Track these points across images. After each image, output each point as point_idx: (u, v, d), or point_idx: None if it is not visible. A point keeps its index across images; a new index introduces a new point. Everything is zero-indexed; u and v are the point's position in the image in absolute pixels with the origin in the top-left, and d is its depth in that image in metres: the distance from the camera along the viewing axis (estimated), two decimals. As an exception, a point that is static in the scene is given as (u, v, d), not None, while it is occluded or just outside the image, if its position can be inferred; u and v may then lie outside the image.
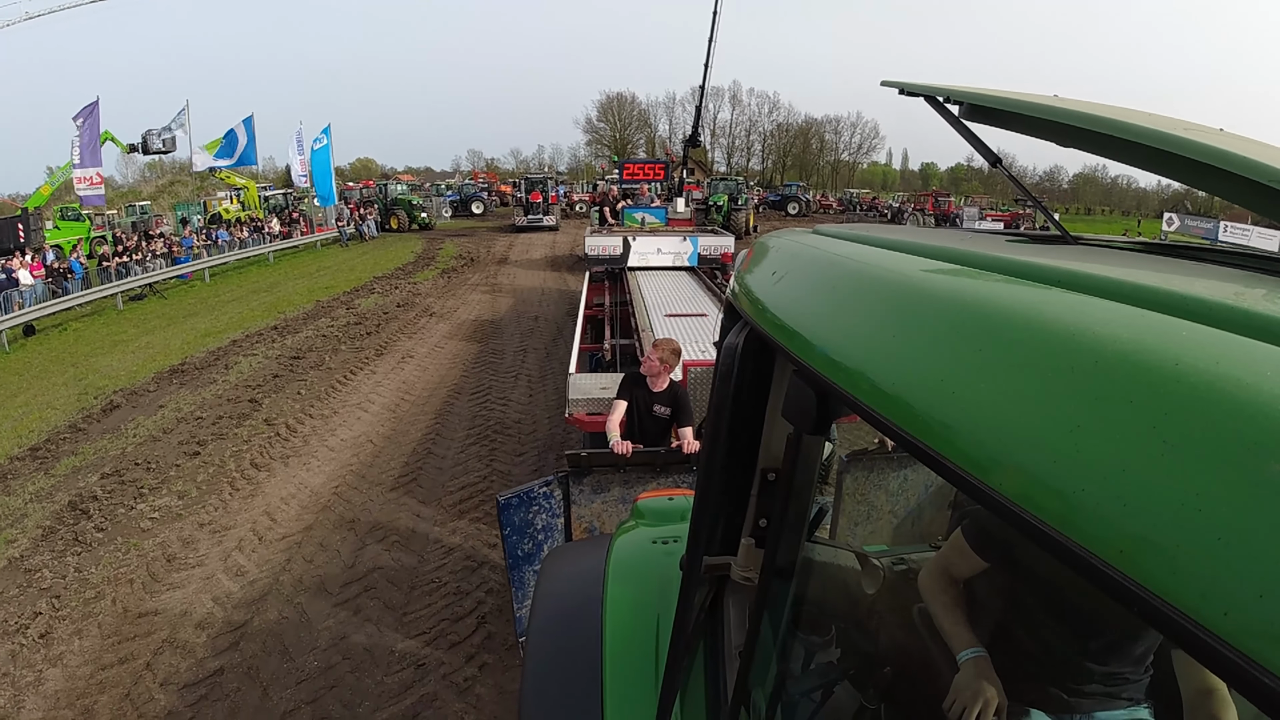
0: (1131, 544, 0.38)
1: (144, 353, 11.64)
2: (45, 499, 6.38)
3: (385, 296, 15.65)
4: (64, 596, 4.84)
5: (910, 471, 2.15)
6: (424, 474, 6.51)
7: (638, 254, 12.89)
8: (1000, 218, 29.48)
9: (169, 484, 6.51)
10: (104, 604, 4.75)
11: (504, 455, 6.92)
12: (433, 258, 21.91)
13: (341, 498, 6.10)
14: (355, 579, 4.85)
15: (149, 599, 4.79)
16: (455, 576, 4.79)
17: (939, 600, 1.19)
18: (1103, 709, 1.14)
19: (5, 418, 8.77)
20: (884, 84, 1.22)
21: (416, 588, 4.71)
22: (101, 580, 5.02)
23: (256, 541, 5.44)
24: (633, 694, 1.53)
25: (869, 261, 0.85)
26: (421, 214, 30.28)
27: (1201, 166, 0.77)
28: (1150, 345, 0.44)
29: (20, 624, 4.54)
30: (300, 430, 7.73)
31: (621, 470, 3.76)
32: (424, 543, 5.30)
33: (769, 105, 65.47)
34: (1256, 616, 0.32)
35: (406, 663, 3.99)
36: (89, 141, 18.61)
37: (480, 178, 47.60)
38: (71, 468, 7.06)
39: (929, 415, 0.57)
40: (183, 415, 8.37)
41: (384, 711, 3.66)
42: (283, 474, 6.65)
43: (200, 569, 5.10)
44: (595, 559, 2.00)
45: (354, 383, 9.43)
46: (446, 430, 7.62)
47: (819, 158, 65.72)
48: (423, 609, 4.48)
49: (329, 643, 4.19)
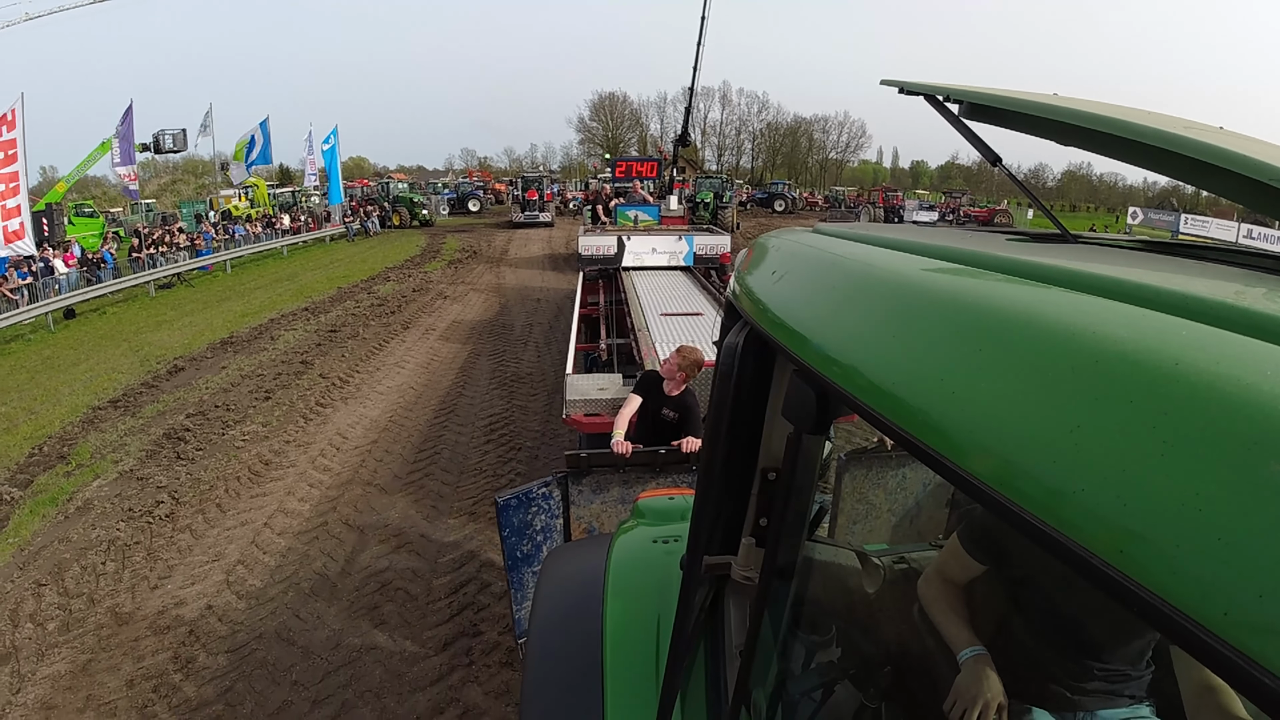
0: (1131, 544, 0.38)
1: (190, 330, 12.79)
2: (139, 433, 7.66)
3: (400, 284, 16.86)
4: (180, 491, 6.18)
5: (908, 470, 2.15)
6: (458, 408, 8.19)
7: (633, 254, 12.78)
8: (938, 207, 34.46)
9: (250, 419, 7.90)
10: (218, 492, 6.15)
11: (521, 396, 8.56)
12: (438, 251, 23.15)
13: (395, 423, 7.71)
14: (415, 470, 6.48)
15: (256, 487, 6.27)
16: (493, 466, 6.59)
17: (938, 603, 1.19)
18: (1105, 706, 1.14)
19: (76, 380, 9.96)
20: (884, 83, 1.22)
21: (465, 473, 6.45)
22: (213, 478, 6.41)
23: (335, 451, 7.01)
24: (633, 694, 1.53)
25: (869, 261, 0.85)
26: (423, 211, 31.62)
27: (1201, 165, 0.77)
28: (1150, 345, 0.44)
29: (145, 509, 5.88)
30: (352, 381, 9.31)
31: (621, 470, 3.75)
32: (466, 450, 6.95)
33: (758, 105, 66.10)
34: (1256, 616, 0.32)
35: (463, 513, 5.72)
36: (126, 142, 19.47)
37: (475, 176, 47.96)
38: (155, 412, 8.37)
39: (929, 415, 0.56)
40: (245, 373, 9.71)
41: (452, 536, 5.35)
42: (344, 410, 8.22)
43: (294, 468, 6.63)
44: (595, 559, 1.99)
45: (388, 349, 11.00)
46: (472, 380, 9.28)
47: (808, 156, 66.18)
48: (471, 485, 6.23)
49: (403, 507, 5.82)
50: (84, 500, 6.15)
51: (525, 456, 6.72)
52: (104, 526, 5.65)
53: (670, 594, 1.40)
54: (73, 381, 9.86)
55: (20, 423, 8.25)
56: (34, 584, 4.93)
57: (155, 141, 22.58)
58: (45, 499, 6.26)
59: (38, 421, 8.24)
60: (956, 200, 36.61)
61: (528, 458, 6.68)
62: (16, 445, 7.56)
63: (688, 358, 4.03)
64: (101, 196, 36.96)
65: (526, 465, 6.52)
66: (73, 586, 4.90)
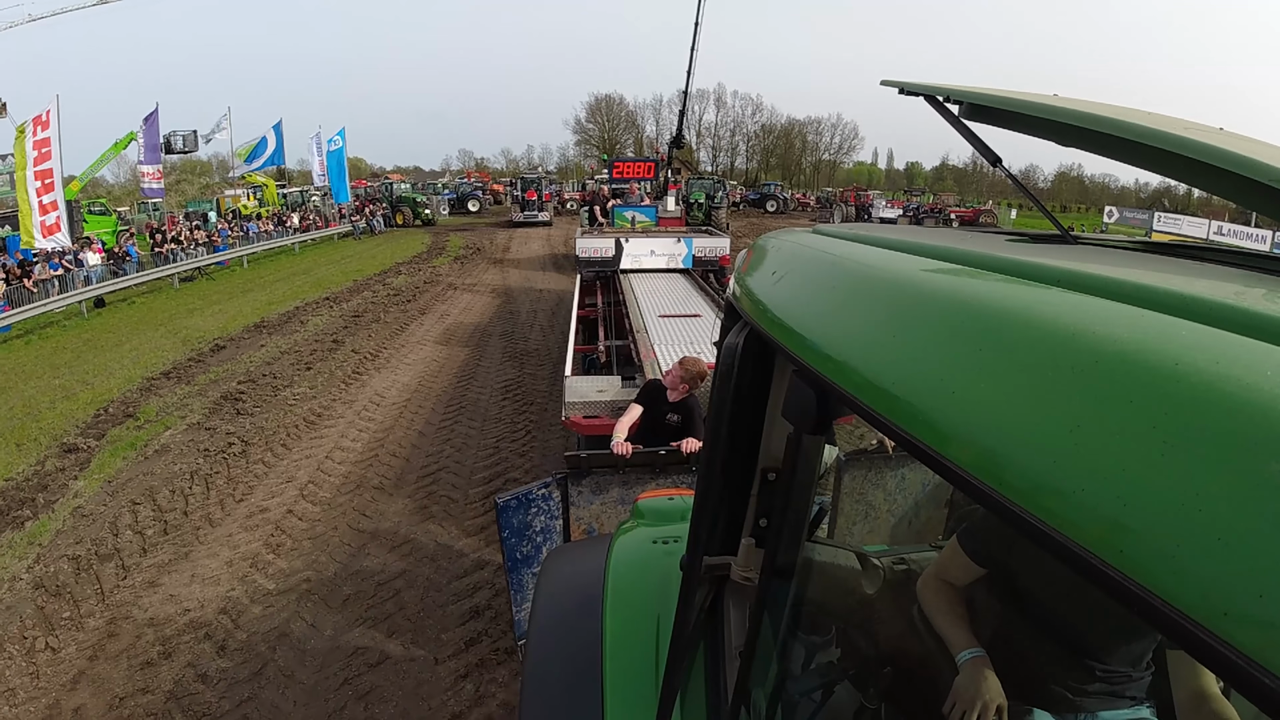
0: (1131, 544, 0.38)
1: (222, 316, 13.71)
2: (198, 396, 8.70)
3: (412, 277, 17.95)
4: (247, 437, 7.24)
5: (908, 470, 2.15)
6: (477, 375, 9.56)
7: (631, 256, 12.73)
8: (894, 204, 38.01)
9: (296, 384, 9.07)
10: (281, 436, 7.31)
11: (530, 367, 9.85)
12: (443, 248, 24.13)
13: (424, 386, 9.05)
14: (445, 419, 7.82)
15: (313, 432, 7.46)
16: (510, 415, 7.92)
17: (938, 606, 1.19)
18: (1106, 708, 1.13)
19: (122, 357, 10.87)
20: (884, 83, 1.22)
21: (488, 420, 7.77)
22: (274, 427, 7.52)
23: (375, 407, 8.25)
24: (633, 694, 1.52)
25: (869, 261, 0.85)
26: (425, 210, 32.58)
27: (1201, 165, 0.77)
28: (1150, 345, 0.44)
29: (219, 449, 6.90)
30: (381, 355, 10.58)
31: (620, 471, 3.75)
32: (486, 405, 8.29)
33: (752, 107, 66.40)
34: (1256, 616, 0.32)
35: (488, 448, 6.96)
36: (150, 143, 20.64)
37: (473, 177, 48.37)
38: (208, 380, 9.39)
39: (929, 415, 0.56)
40: (283, 350, 10.80)
41: (482, 461, 6.62)
42: (378, 377, 9.48)
43: (342, 420, 7.84)
44: (595, 559, 1.99)
45: (409, 330, 12.27)
46: (487, 355, 10.63)
47: (801, 157, 66.55)
48: (493, 429, 7.49)
49: (439, 444, 7.08)
50: (161, 445, 7.15)
51: (536, 410, 8.03)
52: (184, 462, 6.65)
53: (670, 594, 1.40)
54: (120, 359, 10.72)
55: (78, 392, 9.11)
56: (129, 503, 5.86)
57: (166, 142, 23.61)
58: (123, 445, 7.25)
59: (95, 390, 9.11)
60: (914, 198, 40.84)
61: (538, 410, 7.98)
62: (80, 409, 8.43)
63: (690, 370, 4.03)
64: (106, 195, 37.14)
65: (538, 415, 7.83)
66: (165, 504, 5.88)
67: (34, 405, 8.65)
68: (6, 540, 5.43)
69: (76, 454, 7.07)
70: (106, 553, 5.12)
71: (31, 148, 14.27)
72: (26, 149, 14.32)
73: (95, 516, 5.72)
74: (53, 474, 6.62)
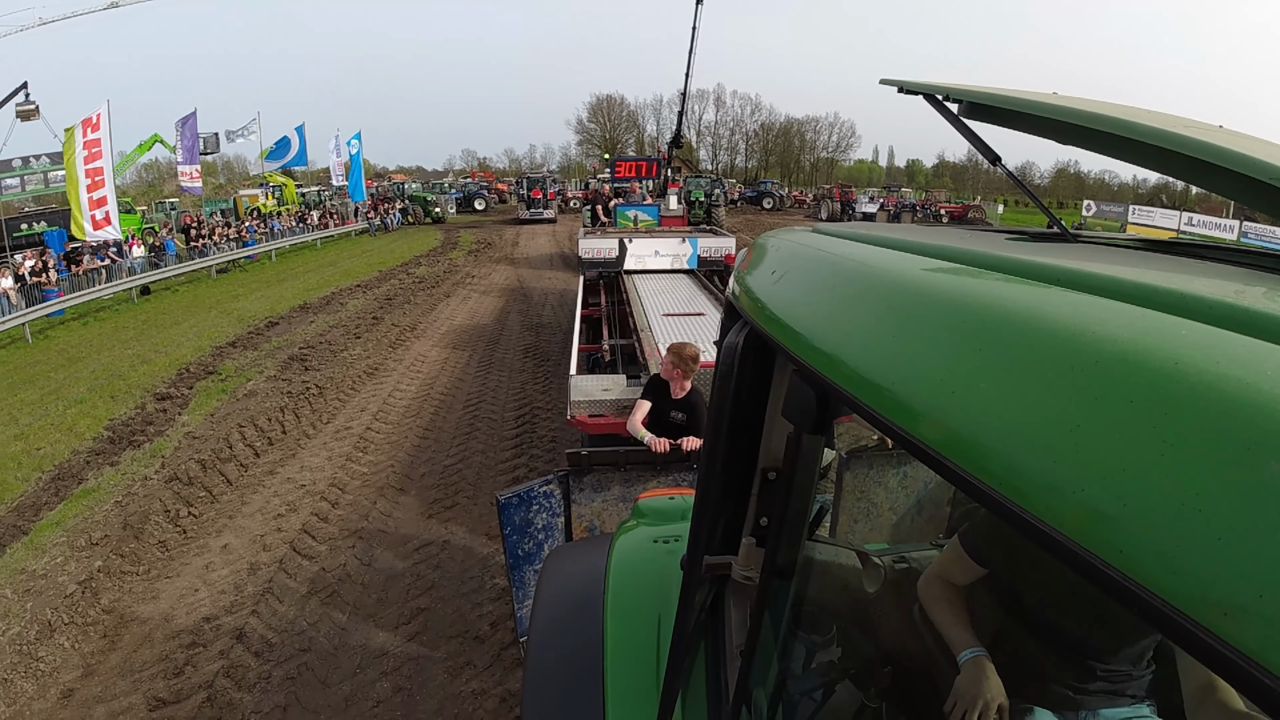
0: (1131, 544, 0.38)
1: (267, 300, 15.40)
2: (268, 358, 10.42)
3: (432, 268, 19.81)
4: (320, 383, 9.02)
5: (909, 468, 2.15)
6: (501, 341, 11.73)
7: (634, 257, 12.62)
8: (877, 198, 39.53)
9: (350, 349, 10.89)
10: (348, 383, 9.24)
11: (545, 335, 11.86)
12: (455, 243, 25.92)
13: (459, 349, 11.17)
14: (480, 370, 9.90)
15: (374, 380, 9.44)
16: (531, 369, 9.97)
17: (939, 604, 1.19)
18: (1107, 706, 1.13)
19: (184, 333, 12.41)
20: (883, 82, 1.22)
21: (513, 372, 9.77)
22: (340, 376, 9.42)
23: (421, 363, 10.35)
24: (634, 694, 1.53)
25: (869, 261, 0.85)
26: (435, 209, 34.70)
27: (1201, 164, 0.77)
28: (1150, 344, 0.44)
29: (298, 392, 8.66)
30: (418, 328, 12.67)
31: (622, 469, 3.75)
32: (511, 360, 10.44)
33: (751, 107, 66.75)
34: (1256, 616, 0.32)
35: (515, 388, 9.09)
36: (189, 143, 21.81)
37: (477, 176, 48.79)
38: (273, 347, 11.12)
39: (929, 415, 0.56)
40: (331, 325, 12.57)
41: (513, 397, 8.67)
42: (418, 343, 11.59)
43: (395, 372, 9.85)
44: (596, 558, 1.99)
45: (438, 309, 14.43)
46: (508, 327, 12.82)
47: (800, 156, 66.81)
48: (519, 376, 9.59)
49: (479, 388, 9.15)
50: (248, 390, 8.79)
51: (551, 365, 9.95)
52: (272, 400, 8.35)
53: (670, 594, 1.40)
54: (183, 334, 12.29)
55: (153, 358, 10.65)
56: (235, 426, 7.51)
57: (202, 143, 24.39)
58: (214, 392, 8.89)
59: (170, 357, 10.70)
60: (896, 194, 42.35)
61: (553, 365, 9.85)
62: (161, 370, 10.05)
63: (680, 354, 3.99)
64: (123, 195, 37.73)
65: (553, 368, 9.71)
66: (265, 427, 7.57)
67: (115, 369, 10.13)
68: (128, 457, 6.96)
69: (172, 400, 8.57)
70: (226, 457, 6.75)
71: (82, 147, 15.24)
72: (76, 148, 15.21)
73: (207, 437, 7.24)
74: (154, 414, 8.11)
